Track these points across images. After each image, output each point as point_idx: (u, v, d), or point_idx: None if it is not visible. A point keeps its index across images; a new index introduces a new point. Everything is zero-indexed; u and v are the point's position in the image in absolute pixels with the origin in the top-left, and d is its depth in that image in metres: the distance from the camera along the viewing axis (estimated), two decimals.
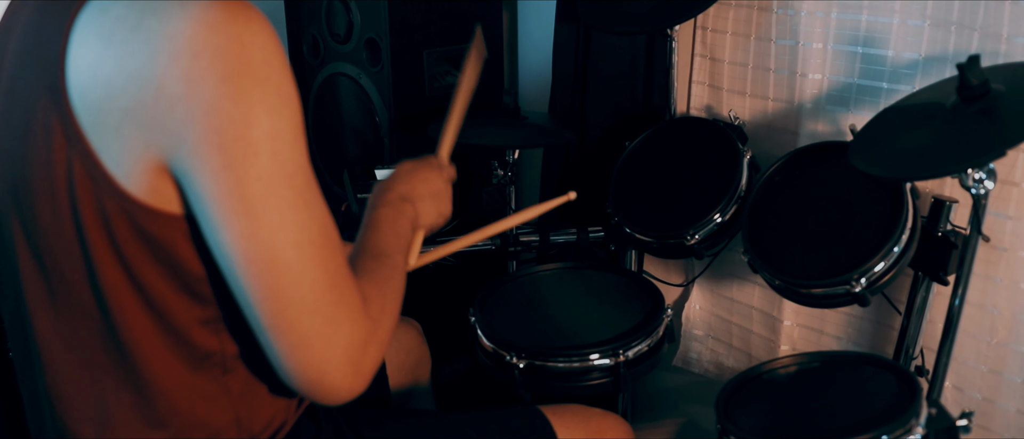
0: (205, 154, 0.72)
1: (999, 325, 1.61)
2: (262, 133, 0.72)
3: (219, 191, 0.72)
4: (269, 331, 0.77)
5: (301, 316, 0.76)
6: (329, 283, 0.78)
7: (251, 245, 0.74)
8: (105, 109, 0.73)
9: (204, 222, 0.75)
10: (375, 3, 2.10)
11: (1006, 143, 1.18)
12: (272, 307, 0.76)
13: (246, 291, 0.76)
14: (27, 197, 0.81)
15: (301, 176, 0.76)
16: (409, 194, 1.07)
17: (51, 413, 0.89)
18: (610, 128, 2.18)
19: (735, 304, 2.15)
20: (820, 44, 1.82)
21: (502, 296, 1.64)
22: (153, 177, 0.74)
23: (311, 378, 0.78)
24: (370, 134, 2.26)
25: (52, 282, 0.83)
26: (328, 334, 0.78)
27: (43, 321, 0.85)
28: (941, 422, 1.25)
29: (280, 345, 0.77)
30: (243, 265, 0.75)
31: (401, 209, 1.05)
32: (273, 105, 0.73)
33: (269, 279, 0.75)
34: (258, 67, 0.72)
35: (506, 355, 1.45)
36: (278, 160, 0.74)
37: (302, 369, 0.78)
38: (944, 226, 1.45)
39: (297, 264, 0.75)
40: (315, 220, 0.77)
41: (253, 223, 0.73)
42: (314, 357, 0.77)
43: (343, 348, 0.79)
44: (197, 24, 0.70)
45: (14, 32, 0.83)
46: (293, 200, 0.75)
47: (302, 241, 0.76)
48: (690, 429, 2.03)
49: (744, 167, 1.69)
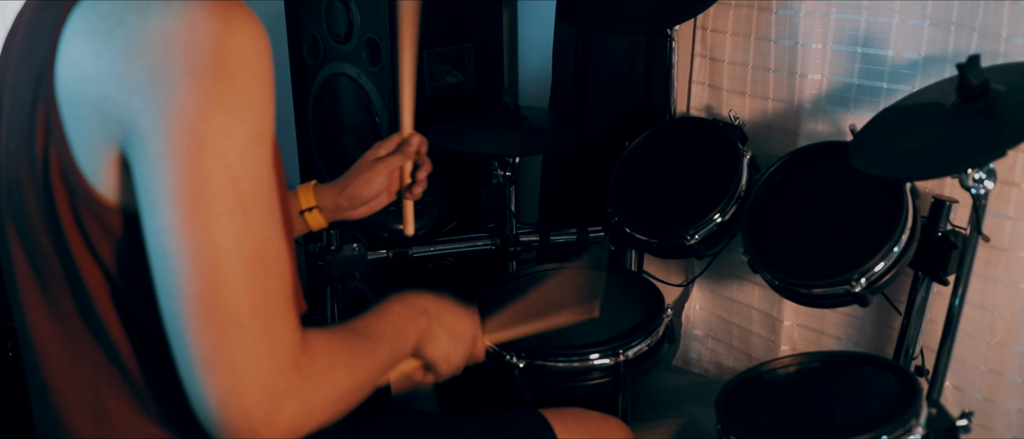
0: (152, 140, 0.69)
1: (999, 325, 1.62)
2: (212, 129, 0.69)
3: (155, 179, 0.69)
4: (175, 339, 0.71)
5: (210, 331, 0.69)
6: (251, 308, 0.70)
7: (171, 240, 0.69)
8: (80, 102, 0.72)
9: (141, 211, 0.71)
10: (375, 3, 2.10)
11: (1006, 143, 1.19)
12: (182, 311, 0.70)
13: (160, 288, 0.71)
14: (18, 194, 0.81)
15: (248, 185, 0.71)
16: (432, 311, 1.00)
17: (52, 407, 0.89)
18: (610, 128, 2.18)
19: (735, 304, 2.15)
20: (820, 44, 1.82)
21: (502, 296, 1.64)
22: (113, 171, 0.74)
23: (213, 405, 0.70)
24: (370, 134, 2.26)
25: (44, 278, 0.83)
26: (237, 362, 0.70)
27: (37, 317, 0.85)
28: (941, 422, 1.25)
29: (185, 358, 0.70)
30: (161, 259, 0.70)
31: (415, 317, 0.97)
32: (233, 105, 0.70)
33: (184, 279, 0.69)
34: (227, 64, 0.70)
35: (506, 355, 1.45)
36: (223, 160, 0.70)
37: (205, 391, 0.70)
38: (944, 226, 1.46)
39: (216, 273, 0.69)
40: (252, 235, 0.71)
41: (179, 218, 0.69)
42: (217, 382, 0.69)
43: (252, 384, 0.70)
44: (176, 20, 0.70)
45: (19, 32, 0.84)
46: (230, 205, 0.70)
47: (229, 251, 0.70)
48: (690, 429, 2.03)
49: (744, 167, 1.69)
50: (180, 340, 0.70)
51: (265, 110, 0.73)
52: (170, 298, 0.70)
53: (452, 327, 1.02)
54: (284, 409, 0.72)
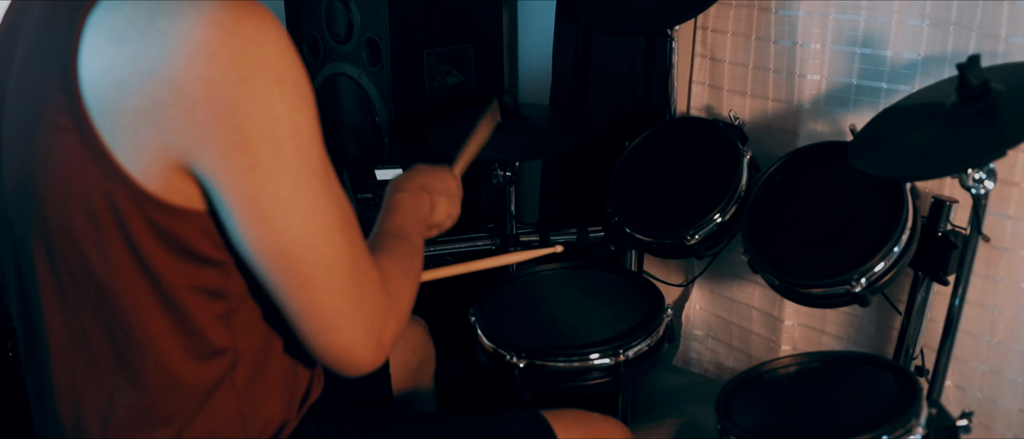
0: (231, 155, 0.73)
1: (1000, 325, 1.62)
2: (285, 130, 0.74)
3: (249, 189, 0.74)
4: (299, 316, 0.81)
5: (330, 300, 0.80)
6: (353, 265, 0.82)
7: (284, 239, 0.77)
8: (120, 109, 0.73)
9: (230, 220, 0.77)
10: (375, 3, 2.10)
11: (1006, 143, 1.19)
12: (304, 295, 0.80)
13: (276, 282, 0.79)
14: (37, 196, 0.80)
15: (322, 167, 0.79)
16: (427, 186, 1.14)
17: (57, 410, 0.89)
18: (610, 128, 2.18)
19: (735, 304, 2.15)
20: (819, 45, 1.82)
21: (502, 296, 1.64)
22: (171, 175, 0.75)
23: (338, 355, 0.83)
24: (370, 134, 2.26)
25: (63, 281, 0.83)
26: (353, 314, 0.82)
27: (53, 319, 0.85)
28: (941, 422, 1.25)
29: (310, 328, 0.82)
30: (276, 258, 0.78)
31: (420, 196, 1.11)
32: (293, 102, 0.75)
33: (302, 269, 0.78)
34: (275, 65, 0.73)
35: (506, 355, 1.45)
36: (302, 155, 0.76)
37: (331, 348, 0.83)
38: (944, 226, 1.46)
39: (329, 252, 0.79)
40: (338, 206, 0.81)
41: (285, 217, 0.76)
42: (342, 336, 0.82)
43: (365, 325, 0.83)
44: (209, 24, 0.71)
45: (22, 32, 0.83)
46: (319, 191, 0.78)
47: (331, 228, 0.79)
48: (690, 429, 2.04)
49: (744, 167, 1.70)
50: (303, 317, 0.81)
51: (312, 94, 0.78)
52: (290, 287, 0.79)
53: (443, 189, 1.16)
54: (387, 330, 0.86)
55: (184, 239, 0.78)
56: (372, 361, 0.85)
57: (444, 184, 1.17)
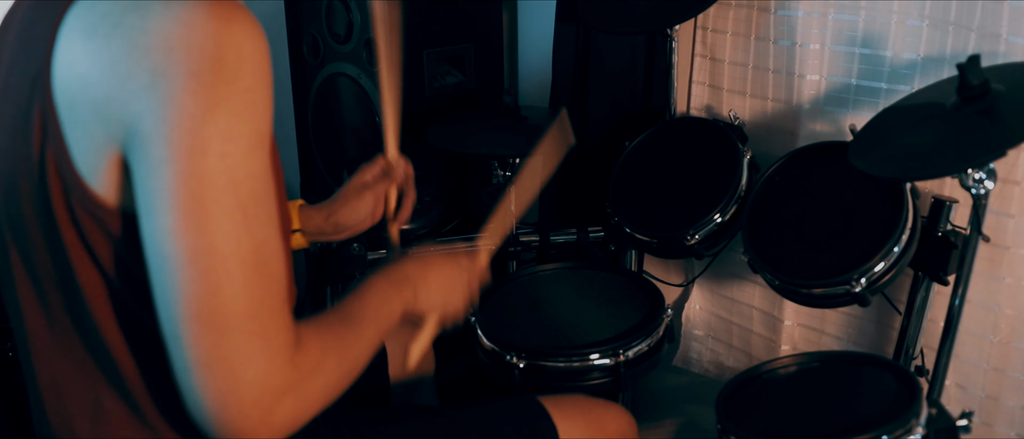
0: (153, 143, 0.69)
1: (1002, 323, 1.62)
2: (215, 132, 0.69)
3: (155, 182, 0.69)
4: (172, 341, 0.71)
5: (207, 333, 0.70)
6: (249, 310, 0.71)
7: (170, 243, 0.69)
8: (78, 103, 0.72)
9: (139, 213, 0.71)
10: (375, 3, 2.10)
11: (1006, 143, 1.19)
12: (179, 313, 0.70)
13: (158, 290, 0.71)
14: (14, 195, 0.81)
15: (248, 187, 0.71)
16: (413, 277, 1.00)
17: (47, 411, 0.89)
18: (610, 128, 2.18)
19: (735, 304, 2.15)
20: (818, 45, 1.82)
21: (502, 296, 1.64)
22: (113, 172, 0.73)
23: (210, 407, 0.71)
24: (370, 134, 2.26)
25: (41, 282, 0.83)
26: (234, 363, 0.71)
27: (35, 321, 0.85)
28: (941, 422, 1.25)
29: (182, 360, 0.71)
30: (159, 262, 0.70)
31: (398, 289, 0.97)
32: (235, 107, 0.70)
33: (182, 282, 0.69)
34: (229, 66, 0.70)
35: (506, 355, 1.45)
36: (225, 163, 0.70)
37: (202, 394, 0.71)
38: (944, 226, 1.46)
39: (216, 275, 0.70)
40: (251, 237, 0.71)
41: (181, 220, 0.69)
42: (215, 383, 0.70)
43: (250, 385, 0.71)
44: (176, 21, 0.70)
45: (11, 31, 0.84)
46: (230, 208, 0.70)
47: (227, 254, 0.70)
48: (690, 429, 2.03)
49: (744, 167, 1.70)
50: (177, 342, 0.71)
51: (265, 112, 0.73)
52: (167, 300, 0.71)
53: (438, 278, 1.03)
54: (281, 406, 0.74)
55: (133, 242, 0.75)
56: (251, 431, 0.72)
57: (439, 275, 1.04)
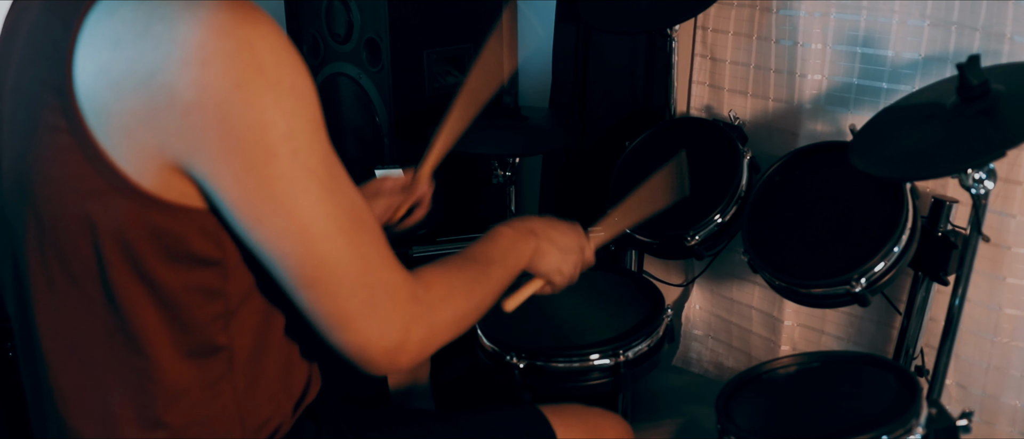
0: (225, 159, 0.73)
1: (1003, 323, 1.61)
2: (278, 135, 0.73)
3: (244, 193, 0.74)
4: (310, 314, 0.81)
5: (335, 302, 0.80)
6: (363, 266, 0.81)
7: (284, 242, 0.77)
8: (115, 111, 0.73)
9: (233, 221, 0.77)
10: (375, 3, 2.10)
11: (1006, 143, 1.19)
12: (310, 295, 0.80)
13: (283, 280, 0.80)
14: (32, 196, 0.81)
15: (323, 168, 0.78)
16: (538, 230, 1.09)
17: (54, 411, 0.89)
18: (610, 128, 2.18)
19: (735, 304, 2.14)
20: (820, 44, 1.82)
21: (502, 296, 1.64)
22: (168, 175, 0.75)
23: (354, 353, 0.83)
24: (370, 134, 2.26)
25: (57, 281, 0.83)
26: (366, 314, 0.81)
27: (47, 319, 0.85)
28: (941, 422, 1.24)
29: (322, 325, 0.82)
30: (278, 259, 0.78)
31: (524, 237, 1.07)
32: (287, 106, 0.74)
33: (304, 271, 0.78)
34: (269, 70, 0.73)
35: (506, 355, 1.45)
36: (298, 158, 0.75)
37: (345, 346, 0.82)
38: (944, 226, 1.46)
39: (330, 255, 0.79)
40: (342, 208, 0.79)
41: (282, 220, 0.76)
42: (353, 337, 0.82)
43: (379, 328, 0.82)
44: (205, 28, 0.70)
45: (20, 32, 0.83)
46: (318, 193, 0.77)
47: (332, 231, 0.78)
48: (690, 429, 2.03)
49: (744, 167, 1.69)
50: (313, 315, 0.81)
51: (313, 98, 0.77)
52: (295, 287, 0.79)
53: (560, 241, 1.11)
54: (412, 336, 0.84)
55: (181, 238, 0.78)
56: (391, 363, 0.84)
57: (563, 236, 1.12)
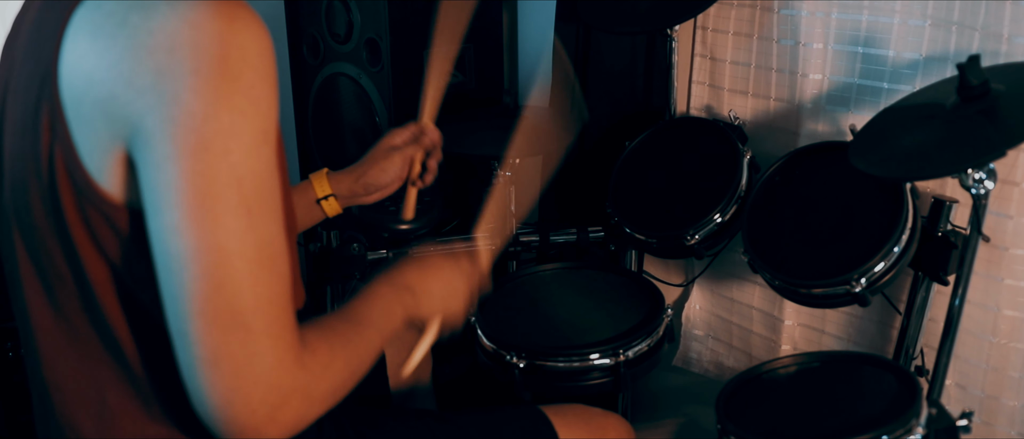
0: (158, 142, 0.70)
1: (1001, 324, 1.61)
2: (218, 129, 0.70)
3: (160, 179, 0.70)
4: (178, 338, 0.71)
5: (213, 329, 0.70)
6: (254, 306, 0.71)
7: (176, 240, 0.70)
8: (85, 102, 0.73)
9: (146, 210, 0.72)
10: (375, 3, 2.10)
11: (1006, 143, 1.19)
12: (185, 310, 0.70)
13: (164, 287, 0.72)
14: (22, 193, 0.81)
15: (252, 184, 0.71)
16: (414, 284, 1.00)
17: (53, 408, 0.89)
18: (610, 128, 2.18)
19: (735, 304, 2.14)
20: (821, 44, 1.82)
21: (502, 296, 1.64)
22: (119, 170, 0.74)
23: (216, 402, 0.71)
24: (370, 134, 2.26)
25: (48, 278, 0.83)
26: (240, 360, 0.71)
27: (41, 317, 0.85)
28: (941, 422, 1.25)
29: (188, 357, 0.71)
30: (165, 259, 0.71)
31: (400, 294, 0.98)
32: (238, 105, 0.71)
33: (188, 279, 0.70)
34: (232, 64, 0.71)
35: (506, 355, 1.45)
36: (228, 160, 0.70)
37: (208, 391, 0.71)
38: (944, 226, 1.46)
39: (221, 272, 0.70)
40: (255, 235, 0.72)
41: (184, 218, 0.69)
42: (221, 381, 0.70)
43: (255, 383, 0.71)
44: (180, 21, 0.70)
45: (22, 32, 0.85)
46: (235, 205, 0.70)
47: (231, 251, 0.70)
48: (690, 429, 2.03)
49: (744, 167, 1.69)
50: (184, 339, 0.71)
51: (269, 109, 0.74)
52: (174, 297, 0.71)
53: (439, 287, 1.03)
54: (288, 406, 0.74)
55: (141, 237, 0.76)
56: (256, 430, 0.72)
57: (439, 280, 1.03)
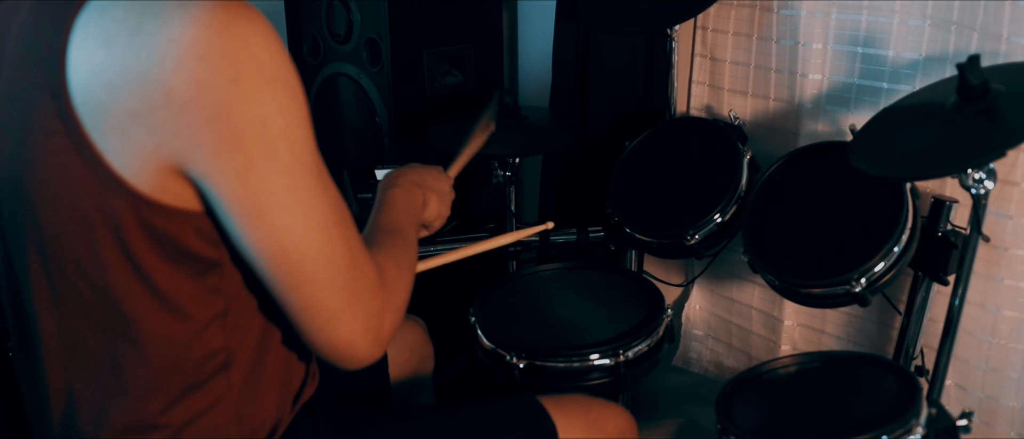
0: (225, 156, 0.73)
1: (1001, 324, 1.61)
2: (278, 130, 0.75)
3: (245, 190, 0.75)
4: (300, 312, 0.82)
5: (329, 295, 0.82)
6: (350, 261, 0.83)
7: (283, 237, 0.78)
8: (110, 111, 0.73)
9: (228, 219, 0.77)
10: (375, 3, 2.10)
11: (1006, 143, 1.18)
12: (305, 291, 0.81)
13: (276, 280, 0.80)
14: (28, 199, 0.80)
15: (316, 165, 0.80)
16: (421, 182, 1.15)
17: (53, 411, 0.89)
18: (610, 128, 2.18)
19: (735, 304, 2.15)
20: (820, 44, 1.82)
21: (502, 296, 1.64)
22: (163, 176, 0.75)
23: (338, 349, 0.84)
24: (370, 134, 2.26)
25: (56, 283, 0.83)
26: (352, 308, 0.83)
27: (47, 321, 0.85)
28: (941, 422, 1.25)
29: (311, 324, 0.83)
30: (275, 256, 0.79)
31: (413, 192, 1.13)
32: (285, 102, 0.75)
33: (302, 266, 0.79)
34: (266, 65, 0.73)
35: (506, 355, 1.45)
36: (296, 153, 0.77)
37: (332, 343, 0.84)
38: (944, 226, 1.45)
39: (327, 248, 0.80)
40: (333, 203, 0.81)
41: (284, 216, 0.77)
42: (342, 330, 0.83)
43: (364, 319, 0.84)
44: (199, 26, 0.70)
45: (10, 34, 0.83)
46: (315, 188, 0.79)
47: (328, 225, 0.80)
48: (690, 429, 2.03)
49: (744, 167, 1.69)
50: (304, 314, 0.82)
51: (303, 93, 0.78)
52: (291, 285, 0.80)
53: (435, 187, 1.18)
54: (385, 323, 0.87)
55: (178, 239, 0.78)
56: (371, 354, 0.86)
57: (437, 183, 1.18)
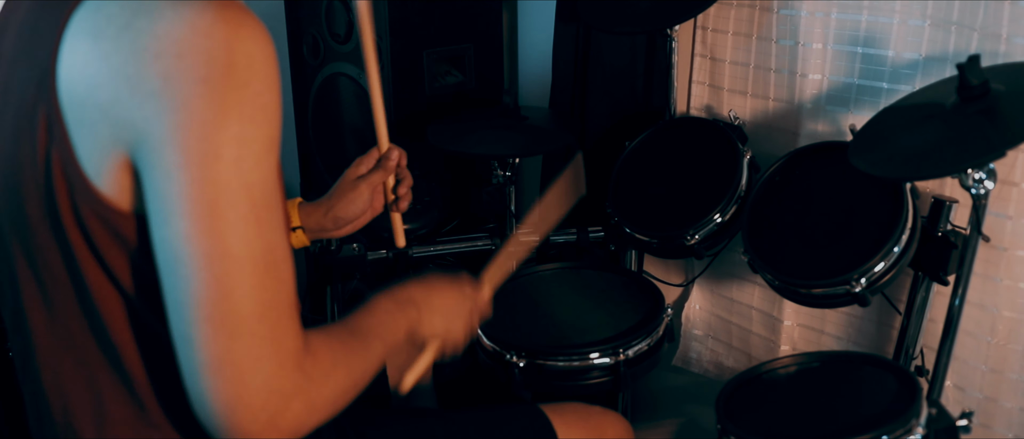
0: (166, 149, 0.70)
1: (1000, 325, 1.61)
2: (228, 137, 0.70)
3: (171, 188, 0.70)
4: (182, 343, 0.72)
5: (219, 335, 0.70)
6: (259, 311, 0.72)
7: (184, 246, 0.70)
8: (86, 105, 0.72)
9: (151, 218, 0.72)
10: (375, 3, 2.10)
11: (1006, 143, 1.19)
12: (191, 316, 0.71)
13: (169, 293, 0.72)
14: (17, 197, 0.80)
15: (260, 191, 0.72)
16: (417, 300, 1.02)
17: (50, 411, 0.89)
18: (610, 128, 2.18)
19: (735, 304, 2.14)
20: (820, 44, 1.82)
21: (502, 295, 1.64)
22: (121, 175, 0.73)
23: (221, 405, 0.71)
24: (370, 134, 2.25)
25: (45, 282, 0.82)
26: (244, 365, 0.71)
27: (38, 320, 0.85)
28: (941, 422, 1.25)
29: (191, 362, 0.71)
30: (172, 265, 0.71)
31: (403, 308, 0.99)
32: (247, 112, 0.71)
33: (195, 285, 0.70)
34: (239, 72, 0.70)
35: (506, 354, 1.45)
36: (239, 168, 0.70)
37: (211, 395, 0.71)
38: (944, 226, 1.46)
39: (229, 279, 0.70)
40: (262, 241, 0.72)
41: (195, 225, 0.70)
42: (225, 385, 0.71)
43: (258, 388, 0.72)
44: (186, 25, 0.70)
45: (9, 32, 0.83)
46: (244, 212, 0.71)
47: (241, 257, 0.71)
48: (690, 429, 2.03)
49: (744, 167, 1.69)
50: (187, 344, 0.71)
51: (275, 117, 0.74)
52: (179, 302, 0.71)
53: (442, 305, 1.05)
54: (289, 410, 0.74)
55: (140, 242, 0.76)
56: (255, 432, 0.72)
57: (442, 300, 1.05)
